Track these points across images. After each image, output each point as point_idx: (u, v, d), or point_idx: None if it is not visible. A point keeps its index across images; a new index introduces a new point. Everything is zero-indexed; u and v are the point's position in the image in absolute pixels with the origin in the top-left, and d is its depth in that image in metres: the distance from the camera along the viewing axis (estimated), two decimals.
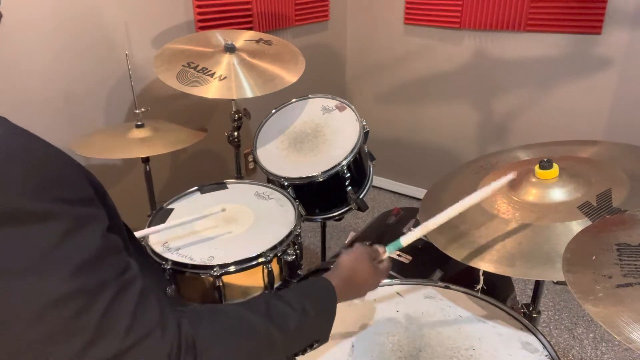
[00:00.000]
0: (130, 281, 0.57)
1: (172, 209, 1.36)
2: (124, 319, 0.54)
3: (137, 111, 1.53)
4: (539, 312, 1.17)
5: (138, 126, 1.54)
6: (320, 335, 0.77)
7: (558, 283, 1.56)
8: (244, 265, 1.14)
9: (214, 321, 0.64)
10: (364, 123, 1.55)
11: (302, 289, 0.80)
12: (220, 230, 1.26)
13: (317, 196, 1.53)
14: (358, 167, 1.54)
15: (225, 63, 1.57)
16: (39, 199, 0.50)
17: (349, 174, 1.47)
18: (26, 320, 0.50)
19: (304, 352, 0.77)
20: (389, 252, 0.95)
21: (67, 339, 0.51)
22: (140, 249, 0.83)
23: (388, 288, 1.08)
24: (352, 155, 1.47)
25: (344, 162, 1.45)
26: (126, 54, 1.51)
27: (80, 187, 0.56)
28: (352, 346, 0.92)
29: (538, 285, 1.15)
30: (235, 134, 1.75)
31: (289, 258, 1.23)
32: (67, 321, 0.51)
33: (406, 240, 0.94)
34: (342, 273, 0.86)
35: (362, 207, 1.54)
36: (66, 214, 0.52)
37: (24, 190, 0.50)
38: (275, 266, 1.20)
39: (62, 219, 0.52)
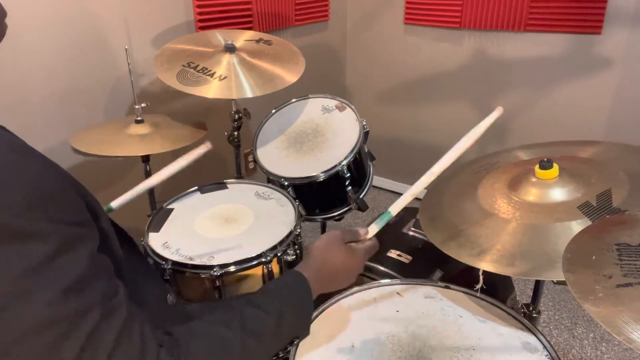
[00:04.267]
0: (114, 309, 0.55)
1: (172, 209, 1.36)
2: (105, 348, 0.52)
3: (136, 106, 1.53)
4: (539, 312, 1.17)
5: (137, 122, 1.54)
6: (299, 332, 0.76)
7: (558, 283, 1.56)
8: (244, 265, 1.14)
9: (190, 347, 0.62)
10: (364, 123, 1.55)
11: (275, 289, 0.77)
12: (220, 230, 1.26)
13: (317, 196, 1.53)
14: (358, 167, 1.54)
15: (225, 63, 1.57)
16: (28, 216, 0.49)
17: (349, 174, 1.47)
18: (4, 345, 0.49)
19: (284, 349, 0.76)
20: (380, 225, 0.89)
21: None
22: (141, 258, 0.82)
23: (388, 288, 1.08)
24: (352, 155, 1.47)
25: (344, 162, 1.45)
26: (126, 49, 1.51)
27: (71, 207, 0.54)
28: (352, 346, 0.92)
29: (538, 285, 1.15)
30: (235, 134, 1.75)
31: (289, 258, 1.23)
32: (48, 348, 0.49)
33: (396, 207, 0.88)
34: (313, 263, 0.81)
35: (362, 207, 1.54)
36: (54, 234, 0.51)
37: (12, 208, 0.48)
38: (275, 266, 1.20)
39: (51, 238, 0.50)
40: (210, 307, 1.12)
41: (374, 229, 0.91)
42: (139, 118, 1.54)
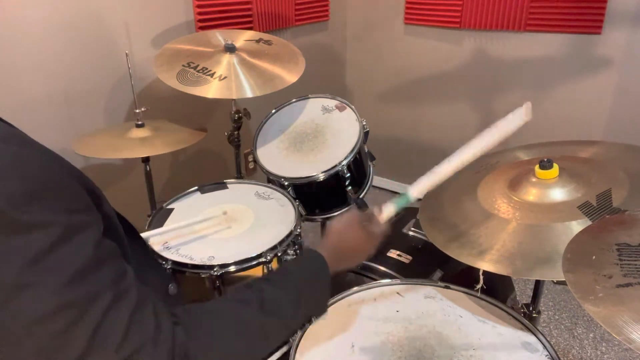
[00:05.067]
0: (125, 291, 0.55)
1: (172, 209, 1.36)
2: (117, 333, 0.52)
3: (137, 110, 1.53)
4: (539, 312, 1.17)
5: (138, 126, 1.54)
6: (316, 311, 0.77)
7: (558, 283, 1.56)
8: (244, 265, 1.14)
9: (208, 326, 0.62)
10: (364, 123, 1.55)
11: (294, 268, 0.78)
12: (221, 230, 1.26)
13: (317, 196, 1.53)
14: (358, 167, 1.54)
15: (225, 63, 1.57)
16: (28, 207, 0.49)
17: (349, 174, 1.47)
18: (15, 335, 0.49)
19: (302, 327, 0.76)
20: (397, 208, 0.90)
21: (57, 353, 0.50)
22: (143, 248, 0.83)
23: (388, 288, 1.08)
24: (352, 155, 1.47)
25: (344, 162, 1.45)
26: (126, 54, 1.51)
27: (72, 195, 0.54)
28: (352, 346, 0.92)
29: (538, 285, 1.15)
30: (235, 134, 1.75)
31: (289, 258, 1.23)
32: (58, 335, 0.50)
33: (417, 190, 0.88)
34: (332, 242, 0.83)
35: (362, 207, 1.54)
36: (57, 223, 0.51)
37: (13, 198, 0.48)
38: (275, 266, 1.20)
39: (53, 228, 0.50)
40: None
41: (389, 212, 0.91)
42: (139, 122, 1.54)
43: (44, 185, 0.51)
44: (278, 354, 0.76)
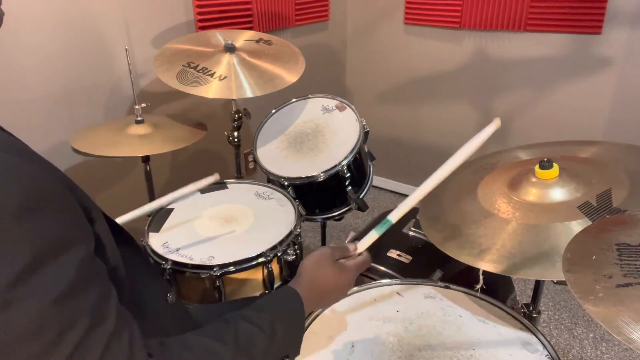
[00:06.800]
0: (104, 317, 0.53)
1: (172, 209, 1.36)
2: (92, 358, 0.51)
3: (137, 107, 1.53)
4: (539, 312, 1.17)
5: (138, 122, 1.53)
6: (290, 351, 0.75)
7: (558, 283, 1.56)
8: (244, 265, 1.14)
9: (181, 358, 0.61)
10: (364, 123, 1.55)
11: (269, 305, 0.76)
12: (221, 230, 1.26)
13: (317, 196, 1.53)
14: (358, 167, 1.54)
15: (225, 63, 1.57)
16: (20, 219, 0.47)
17: (349, 174, 1.48)
18: None
19: None
20: (379, 233, 0.87)
21: None
22: (141, 257, 0.82)
23: (388, 288, 1.08)
24: (352, 155, 1.47)
25: (344, 162, 1.45)
26: (126, 49, 1.51)
27: (67, 211, 0.53)
28: (352, 346, 0.92)
29: (538, 285, 1.15)
30: (235, 134, 1.75)
31: (289, 258, 1.23)
32: (35, 356, 0.48)
33: (396, 215, 0.86)
34: (304, 282, 0.80)
35: (362, 207, 1.54)
36: (46, 239, 0.49)
37: (6, 210, 0.47)
38: (275, 266, 1.20)
39: (42, 244, 0.49)
40: (209, 310, 1.12)
41: (364, 244, 0.88)
42: (139, 118, 1.54)
43: (40, 198, 0.50)
44: None
